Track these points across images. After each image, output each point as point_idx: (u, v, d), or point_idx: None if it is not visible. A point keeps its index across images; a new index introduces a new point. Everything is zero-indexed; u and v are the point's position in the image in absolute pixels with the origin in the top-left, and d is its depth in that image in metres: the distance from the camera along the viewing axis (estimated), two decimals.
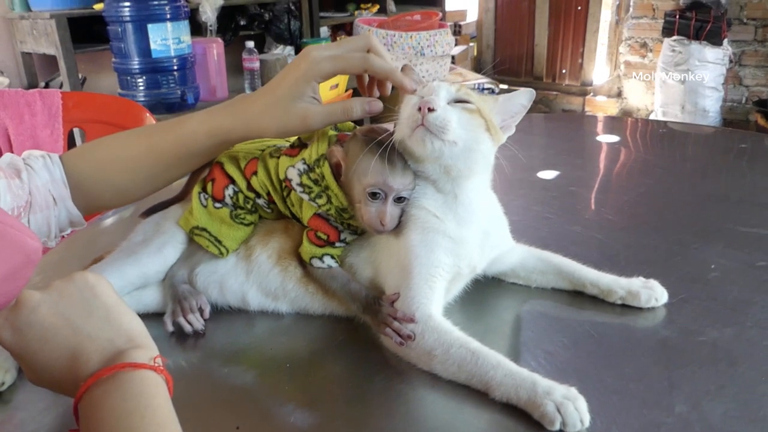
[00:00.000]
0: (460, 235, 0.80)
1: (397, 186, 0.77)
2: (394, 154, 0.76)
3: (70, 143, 1.83)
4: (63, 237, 0.89)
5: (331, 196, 0.80)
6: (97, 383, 0.56)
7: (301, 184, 0.81)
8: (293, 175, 0.81)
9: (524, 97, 0.80)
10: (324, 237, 0.81)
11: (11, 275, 0.50)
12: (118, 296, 0.66)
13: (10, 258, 0.49)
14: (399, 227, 0.79)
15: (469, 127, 0.76)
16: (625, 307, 0.84)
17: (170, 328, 0.81)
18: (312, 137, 0.83)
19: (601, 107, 5.34)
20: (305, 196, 0.81)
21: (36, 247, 0.51)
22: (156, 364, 0.59)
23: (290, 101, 0.78)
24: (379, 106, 0.76)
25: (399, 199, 0.78)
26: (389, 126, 0.80)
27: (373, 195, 0.76)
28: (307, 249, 0.82)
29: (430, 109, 0.73)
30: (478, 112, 0.76)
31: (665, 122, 2.50)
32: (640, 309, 0.83)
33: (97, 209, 0.92)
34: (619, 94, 5.36)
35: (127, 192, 0.89)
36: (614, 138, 1.73)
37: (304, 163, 0.81)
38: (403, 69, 0.81)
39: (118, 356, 0.58)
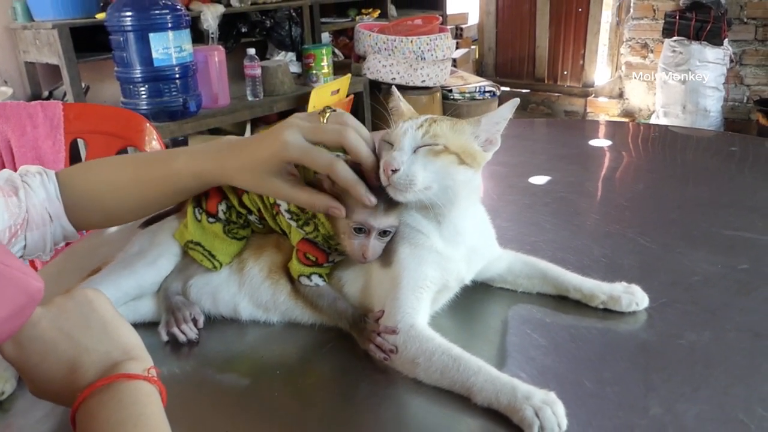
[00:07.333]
0: (447, 252, 0.81)
1: (379, 225, 0.77)
2: (378, 190, 0.76)
3: (73, 154, 1.85)
4: (57, 249, 0.91)
5: (318, 225, 0.81)
6: (94, 393, 0.59)
7: (289, 211, 0.82)
8: (282, 200, 0.83)
9: (508, 109, 0.79)
10: (313, 258, 0.82)
11: (14, 315, 0.53)
12: (115, 310, 0.69)
13: (14, 299, 0.52)
14: (388, 245, 0.80)
15: (439, 170, 0.75)
16: (607, 311, 0.86)
17: (165, 337, 0.83)
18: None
19: (603, 108, 5.35)
20: (293, 223, 0.82)
21: (39, 287, 0.54)
22: (150, 375, 0.61)
23: (266, 174, 0.79)
24: (341, 215, 0.77)
25: (383, 233, 0.79)
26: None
27: (358, 230, 0.77)
28: (296, 267, 0.83)
29: (394, 170, 0.73)
30: (445, 150, 0.76)
31: (658, 125, 2.52)
32: (622, 313, 0.85)
33: (87, 228, 0.94)
34: (621, 95, 5.37)
35: (115, 216, 0.91)
36: (606, 143, 1.75)
37: None
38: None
39: (114, 368, 0.61)
